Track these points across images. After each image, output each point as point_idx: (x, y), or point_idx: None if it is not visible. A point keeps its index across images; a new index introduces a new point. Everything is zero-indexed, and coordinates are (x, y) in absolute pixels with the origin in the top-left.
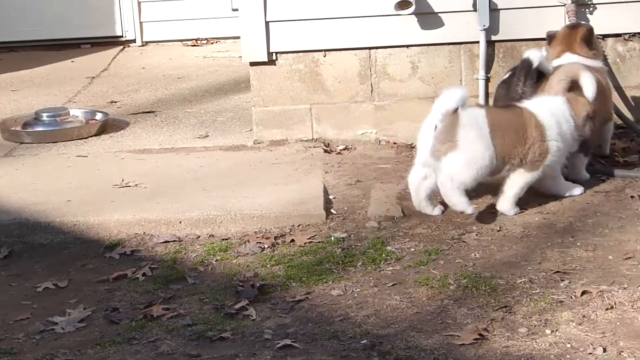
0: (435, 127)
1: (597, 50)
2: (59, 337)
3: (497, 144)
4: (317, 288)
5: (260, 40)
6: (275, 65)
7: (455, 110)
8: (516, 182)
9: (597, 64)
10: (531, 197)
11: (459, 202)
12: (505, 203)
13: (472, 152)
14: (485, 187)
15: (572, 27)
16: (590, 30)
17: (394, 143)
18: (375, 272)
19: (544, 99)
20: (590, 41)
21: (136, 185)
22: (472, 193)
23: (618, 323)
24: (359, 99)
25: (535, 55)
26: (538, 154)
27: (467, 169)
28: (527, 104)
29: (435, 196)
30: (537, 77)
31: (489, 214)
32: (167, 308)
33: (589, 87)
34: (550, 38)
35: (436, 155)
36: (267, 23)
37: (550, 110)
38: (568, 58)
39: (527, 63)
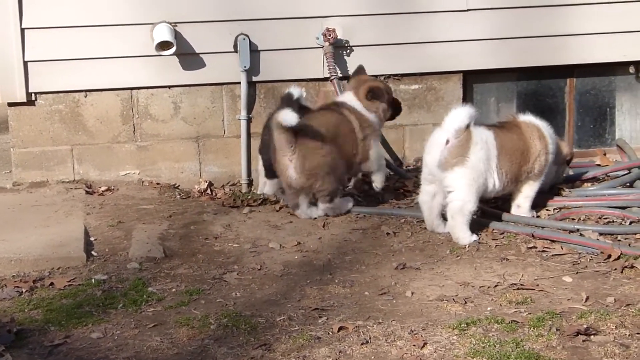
0: (448, 141)
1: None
2: None
3: (504, 166)
4: (76, 331)
5: (18, 80)
6: (34, 105)
7: (468, 127)
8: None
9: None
10: (291, 235)
11: (465, 237)
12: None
13: (479, 172)
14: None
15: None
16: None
17: (157, 183)
18: (136, 314)
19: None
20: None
21: None
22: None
23: (373, 357)
24: (122, 140)
25: (295, 90)
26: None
27: (470, 188)
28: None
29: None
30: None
31: (250, 253)
32: None
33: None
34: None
35: (444, 167)
36: (25, 63)
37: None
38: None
39: (288, 97)
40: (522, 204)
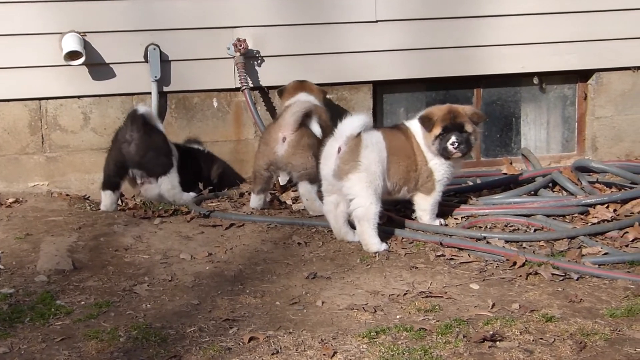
0: (339, 149)
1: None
2: None
3: (392, 167)
4: None
5: None
6: None
7: (359, 134)
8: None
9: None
10: (202, 246)
11: (375, 244)
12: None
13: (374, 174)
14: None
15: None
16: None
17: (67, 195)
18: (44, 328)
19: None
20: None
21: None
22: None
23: None
24: (30, 151)
25: (141, 108)
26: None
27: (367, 191)
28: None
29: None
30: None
31: (161, 264)
32: None
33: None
34: (282, 91)
35: (339, 175)
36: None
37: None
38: (302, 97)
39: (133, 113)
40: (421, 217)
